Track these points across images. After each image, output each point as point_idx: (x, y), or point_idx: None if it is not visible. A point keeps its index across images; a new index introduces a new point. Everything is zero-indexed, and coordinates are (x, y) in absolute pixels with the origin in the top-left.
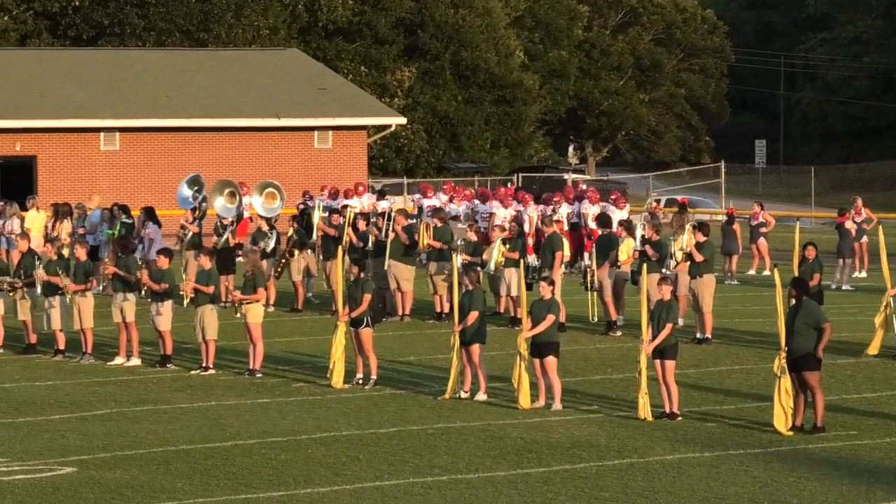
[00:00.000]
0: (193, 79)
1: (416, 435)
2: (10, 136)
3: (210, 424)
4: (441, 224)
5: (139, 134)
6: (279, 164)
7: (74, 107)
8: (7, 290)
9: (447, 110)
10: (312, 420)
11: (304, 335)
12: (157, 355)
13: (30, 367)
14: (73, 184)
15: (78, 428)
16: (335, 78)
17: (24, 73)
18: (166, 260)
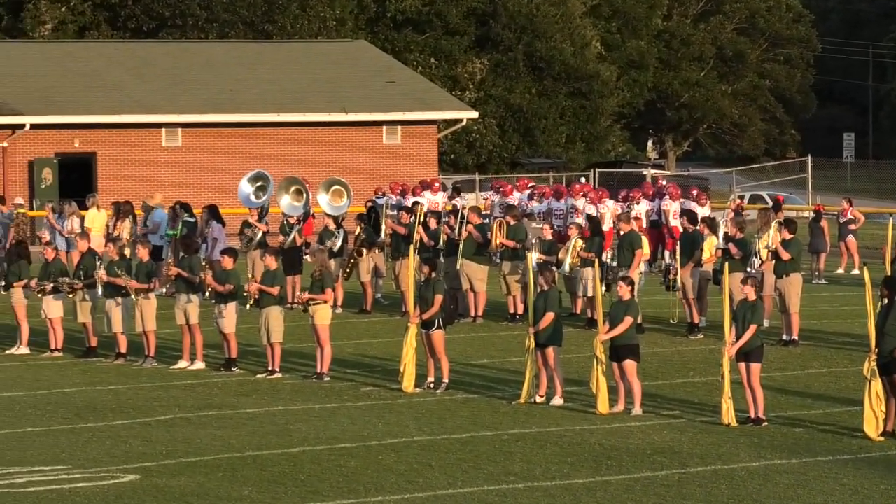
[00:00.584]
0: (257, 72)
1: (490, 441)
2: (68, 132)
3: (277, 430)
4: (515, 222)
5: (202, 129)
6: (346, 160)
7: (135, 101)
8: (66, 291)
9: (520, 103)
10: (383, 425)
11: (373, 337)
12: (222, 358)
13: (91, 371)
14: (134, 181)
15: (141, 434)
16: (404, 70)
17: (82, 66)
18: (231, 260)
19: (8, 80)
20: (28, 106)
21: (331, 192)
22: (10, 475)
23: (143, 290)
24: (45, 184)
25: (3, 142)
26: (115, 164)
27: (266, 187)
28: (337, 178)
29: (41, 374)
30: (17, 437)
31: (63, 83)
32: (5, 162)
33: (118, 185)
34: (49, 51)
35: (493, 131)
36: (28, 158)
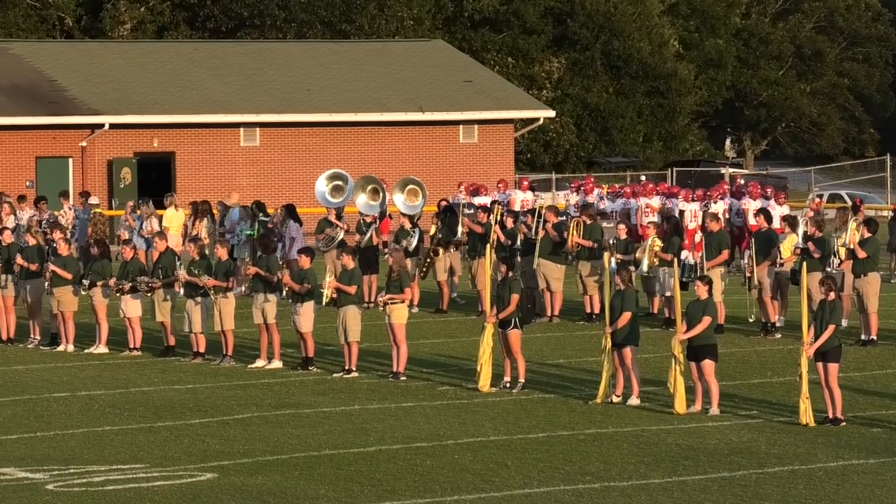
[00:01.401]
0: (335, 72)
1: (566, 441)
2: (147, 131)
3: (353, 429)
4: (590, 221)
5: (279, 129)
6: (423, 159)
7: (213, 101)
8: (145, 291)
9: (598, 102)
10: (459, 425)
11: (449, 337)
12: (299, 358)
13: (169, 370)
14: (212, 181)
15: (218, 433)
16: (481, 70)
17: (161, 66)
18: (308, 259)
19: (87, 80)
20: (107, 106)
21: (406, 191)
22: (89, 474)
23: (221, 289)
24: (124, 183)
25: (83, 141)
26: (193, 163)
27: (343, 187)
28: (412, 177)
29: (120, 373)
30: (96, 435)
31: (142, 83)
32: (85, 161)
33: (196, 185)
34: (128, 51)
35: (570, 130)
36: (107, 158)
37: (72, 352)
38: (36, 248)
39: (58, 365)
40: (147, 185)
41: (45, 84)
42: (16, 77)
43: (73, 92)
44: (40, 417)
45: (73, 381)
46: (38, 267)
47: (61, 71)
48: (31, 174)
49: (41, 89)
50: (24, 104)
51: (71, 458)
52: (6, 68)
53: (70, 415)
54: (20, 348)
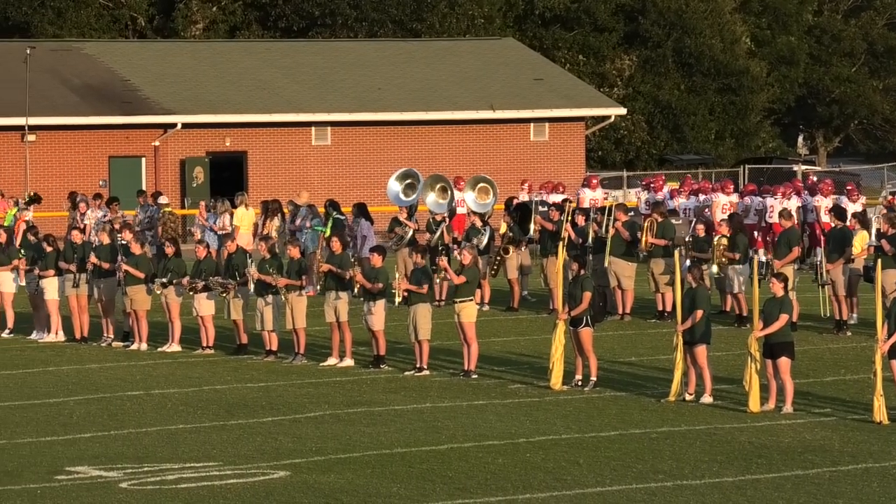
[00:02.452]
0: (406, 70)
1: (638, 439)
2: (219, 130)
3: (425, 427)
4: (662, 219)
5: (351, 128)
6: (494, 157)
7: (285, 100)
8: (219, 292)
9: (669, 100)
10: (530, 423)
11: (520, 335)
12: (371, 356)
13: (241, 368)
14: (284, 180)
15: (291, 431)
16: (552, 67)
17: (233, 65)
18: (380, 258)
19: (160, 80)
20: (179, 105)
21: (477, 189)
22: (162, 472)
23: (294, 287)
24: (197, 182)
25: (155, 141)
26: (265, 162)
27: (415, 185)
28: (483, 175)
29: (193, 372)
30: (169, 433)
31: (214, 82)
32: (157, 161)
33: (268, 184)
34: (200, 50)
35: (642, 128)
36: (179, 157)
37: (145, 350)
38: (109, 247)
39: (131, 363)
40: (219, 184)
41: (118, 84)
42: (89, 77)
43: (146, 92)
44: (114, 416)
45: (147, 379)
46: (111, 266)
47: (134, 71)
48: (104, 174)
49: (114, 89)
50: (98, 104)
51: (144, 456)
52: (79, 68)
53: (143, 413)
54: (94, 347)
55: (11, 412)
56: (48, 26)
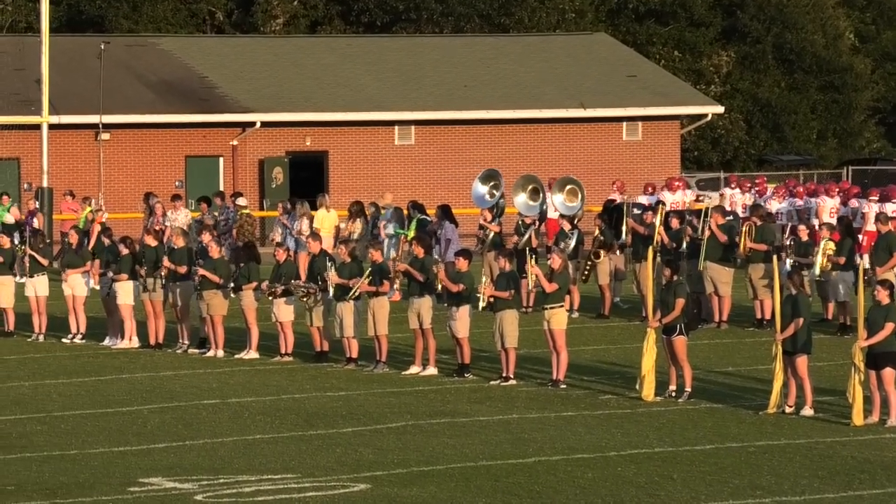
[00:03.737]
0: (493, 67)
1: (735, 453)
2: (299, 129)
3: (511, 439)
4: (762, 222)
5: (435, 127)
6: (584, 157)
7: (367, 98)
8: (300, 296)
9: (769, 97)
10: (621, 435)
11: (611, 343)
12: (455, 364)
13: (321, 376)
14: (365, 180)
15: (372, 442)
16: (646, 64)
17: (314, 62)
18: (465, 262)
19: (238, 77)
20: (259, 103)
21: (566, 191)
22: (239, 484)
23: (373, 290)
24: (276, 183)
25: (234, 140)
26: (346, 162)
27: (498, 185)
28: (571, 177)
29: (271, 380)
30: (246, 444)
31: (294, 79)
32: (236, 161)
33: (349, 185)
34: (280, 46)
35: (740, 127)
36: (258, 157)
37: (221, 357)
38: (184, 251)
39: (207, 371)
40: (299, 184)
41: (196, 81)
42: (165, 73)
43: (224, 89)
44: (189, 425)
45: (223, 387)
46: (187, 270)
47: (212, 67)
48: (180, 174)
49: (191, 86)
50: (174, 101)
51: (220, 467)
52: (155, 64)
53: (219, 422)
54: (169, 353)
55: (83, 421)
56: (123, 21)
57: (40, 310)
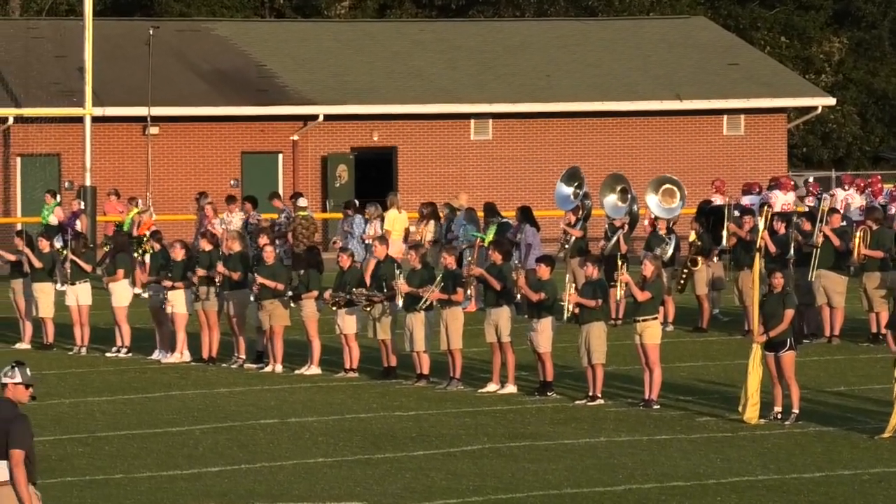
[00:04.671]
0: (579, 54)
1: (847, 481)
2: (366, 123)
3: (599, 464)
4: (877, 226)
5: (515, 120)
6: (680, 154)
7: (440, 89)
8: (364, 304)
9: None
10: (721, 461)
11: (710, 359)
12: (536, 381)
13: (389, 393)
14: (438, 179)
15: (444, 466)
16: (749, 51)
17: (383, 49)
18: (547, 269)
19: (299, 66)
20: (321, 95)
21: (661, 191)
22: None
23: (444, 298)
24: (340, 182)
25: (294, 135)
26: (417, 159)
27: (583, 185)
28: (668, 175)
29: (334, 397)
30: (307, 468)
31: (361, 69)
32: (296, 158)
33: (420, 184)
34: (345, 32)
35: (853, 121)
36: (321, 154)
37: (280, 373)
38: (239, 256)
39: (265, 387)
40: (365, 183)
41: (253, 70)
42: (220, 62)
43: (284, 79)
44: (245, 447)
45: (282, 406)
46: (243, 277)
47: (271, 55)
48: (236, 172)
49: (248, 76)
50: (229, 93)
51: (279, 493)
52: (209, 52)
53: (278, 444)
54: (223, 369)
55: (129, 442)
56: (174, 4)
57: (82, 320)
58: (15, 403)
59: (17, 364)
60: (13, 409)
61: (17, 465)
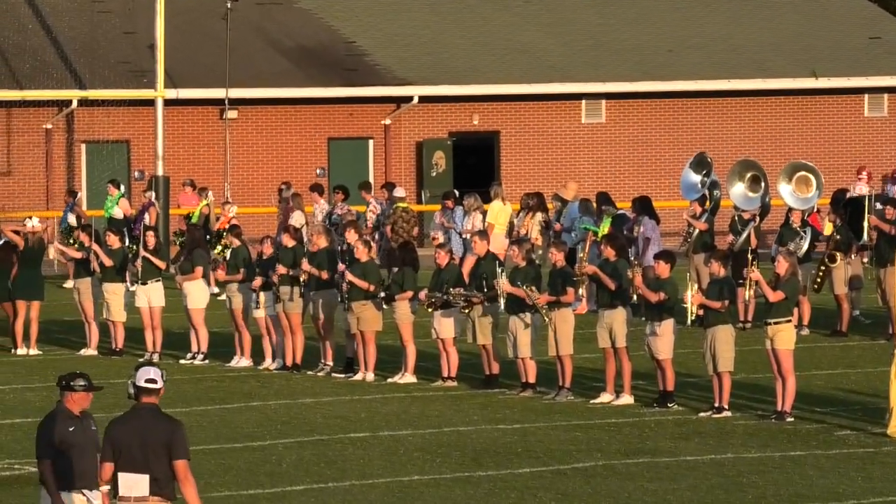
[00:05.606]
0: (703, 28)
1: None
2: (465, 105)
3: (725, 483)
4: None
5: (631, 101)
6: (816, 137)
7: (548, 67)
8: (462, 306)
9: None
10: (862, 480)
11: (849, 366)
12: (655, 391)
13: (491, 404)
14: (545, 167)
15: (553, 485)
16: (893, 23)
17: (484, 23)
18: (667, 266)
19: (391, 42)
20: (417, 74)
21: (795, 179)
22: None
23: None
24: (437, 171)
25: (386, 119)
26: (521, 145)
27: (710, 174)
28: (803, 161)
29: (430, 408)
30: (402, 486)
31: (460, 45)
32: (388, 144)
33: (525, 173)
34: (443, 4)
35: None
36: (416, 139)
37: (371, 381)
38: (326, 252)
39: (354, 398)
40: (464, 172)
41: (341, 47)
42: (304, 38)
43: (375, 56)
44: (333, 463)
45: (374, 417)
46: (330, 275)
47: (360, 30)
48: (322, 160)
49: (335, 54)
50: (314, 73)
51: None
52: (292, 27)
53: (369, 460)
54: (308, 377)
55: (205, 458)
56: None
57: (154, 323)
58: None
59: (148, 365)
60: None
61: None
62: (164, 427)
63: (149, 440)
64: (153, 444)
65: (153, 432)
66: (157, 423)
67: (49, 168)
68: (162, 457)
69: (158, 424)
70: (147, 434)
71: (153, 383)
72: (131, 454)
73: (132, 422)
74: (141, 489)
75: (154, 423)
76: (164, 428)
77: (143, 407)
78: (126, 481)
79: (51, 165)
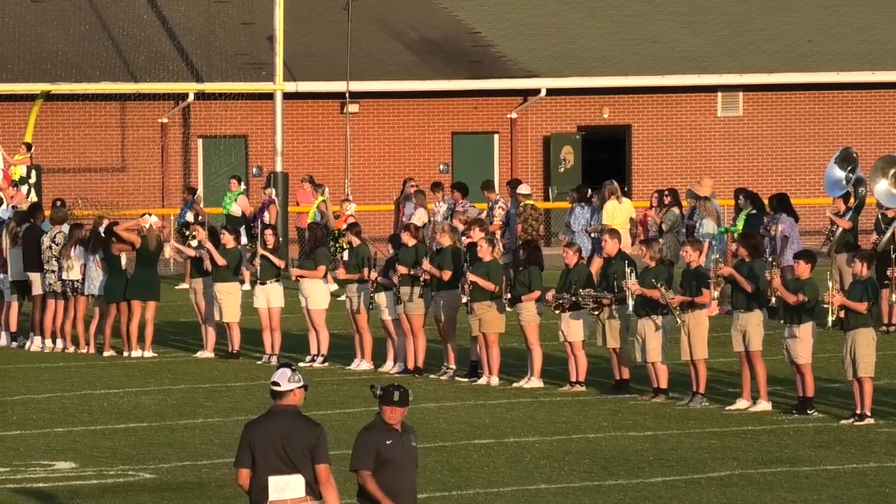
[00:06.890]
0: (846, 16)
1: None
2: (595, 98)
3: (868, 494)
4: None
5: (770, 94)
6: None
7: (683, 58)
8: (590, 307)
9: None
10: None
11: None
12: (794, 397)
13: (622, 410)
14: (679, 162)
15: (687, 495)
16: None
17: (615, 12)
18: (807, 266)
19: (518, 32)
20: (544, 66)
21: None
22: None
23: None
24: (565, 166)
25: (513, 112)
26: (654, 139)
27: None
28: None
29: (558, 414)
30: (528, 495)
31: (590, 35)
32: (515, 139)
33: (657, 168)
34: None
35: None
36: (543, 133)
37: (496, 386)
38: (450, 251)
39: (478, 403)
40: (594, 167)
41: (465, 38)
42: (427, 29)
43: (501, 47)
44: (457, 471)
45: (498, 423)
46: (453, 275)
47: (485, 20)
48: (445, 155)
49: (459, 45)
50: (439, 64)
51: None
52: (415, 17)
53: (495, 468)
54: (430, 380)
55: None
56: None
57: (273, 325)
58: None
59: (287, 366)
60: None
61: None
62: (308, 430)
63: (293, 442)
64: (297, 446)
65: (297, 435)
66: (300, 425)
67: (164, 164)
68: (308, 460)
69: (302, 427)
70: (291, 436)
71: (276, 386)
72: (277, 455)
73: (268, 422)
74: (296, 490)
75: (298, 425)
76: (308, 430)
77: (279, 409)
78: (277, 484)
79: (166, 161)
